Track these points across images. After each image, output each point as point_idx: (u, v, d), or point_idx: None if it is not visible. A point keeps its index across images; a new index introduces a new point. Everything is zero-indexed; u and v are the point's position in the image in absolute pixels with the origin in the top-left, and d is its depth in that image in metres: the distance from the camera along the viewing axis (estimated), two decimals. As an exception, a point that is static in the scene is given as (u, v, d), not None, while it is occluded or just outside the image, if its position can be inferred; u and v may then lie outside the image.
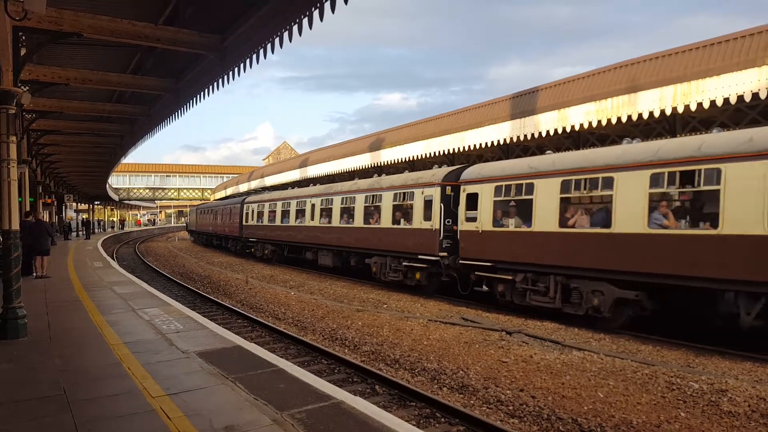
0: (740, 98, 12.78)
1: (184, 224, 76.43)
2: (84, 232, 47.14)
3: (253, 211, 33.07)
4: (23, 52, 10.37)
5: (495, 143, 20.26)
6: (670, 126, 16.53)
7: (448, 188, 16.65)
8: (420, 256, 17.33)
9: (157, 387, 6.12)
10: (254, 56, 10.30)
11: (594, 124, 16.23)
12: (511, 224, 14.36)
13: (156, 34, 10.79)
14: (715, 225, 9.99)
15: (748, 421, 6.95)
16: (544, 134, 17.94)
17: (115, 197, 71.30)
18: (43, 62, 13.16)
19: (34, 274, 16.59)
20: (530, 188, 13.61)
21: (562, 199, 12.87)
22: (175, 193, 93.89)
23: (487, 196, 14.93)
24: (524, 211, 13.97)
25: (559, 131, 17.51)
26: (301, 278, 22.92)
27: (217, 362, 7.15)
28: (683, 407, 7.45)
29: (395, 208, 18.97)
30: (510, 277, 14.11)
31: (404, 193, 18.52)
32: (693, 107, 13.64)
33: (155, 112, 18.05)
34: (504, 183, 14.46)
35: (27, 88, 12.91)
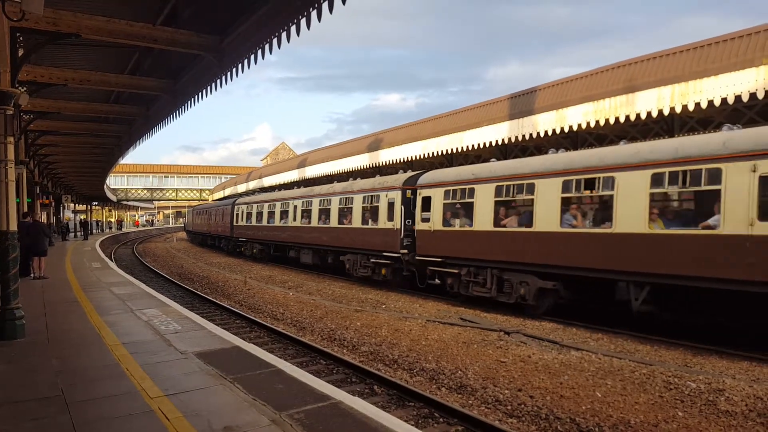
0: (738, 98, 12.81)
1: (183, 225, 76.41)
2: (82, 233, 47.04)
3: (242, 212, 34.76)
4: (21, 52, 10.36)
5: (493, 143, 20.29)
6: (668, 126, 16.56)
7: (408, 192, 18.36)
8: (384, 253, 19.07)
9: (155, 388, 6.12)
10: (252, 57, 10.31)
11: (592, 125, 16.26)
12: (457, 224, 16.09)
13: (154, 35, 10.79)
14: (610, 224, 11.69)
15: (745, 421, 6.97)
16: (542, 134, 17.97)
17: (113, 198, 71.23)
18: (41, 63, 13.15)
19: (32, 275, 16.57)
20: (472, 192, 15.39)
21: (496, 201, 14.61)
22: (173, 194, 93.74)
23: (438, 199, 16.70)
24: (467, 212, 15.71)
25: (557, 131, 17.53)
26: (299, 279, 22.92)
27: (215, 363, 7.14)
28: (681, 407, 7.47)
29: (364, 209, 20.59)
30: (456, 271, 15.83)
31: (372, 196, 20.18)
32: (691, 107, 13.67)
33: (153, 112, 18.05)
34: (452, 188, 16.26)
35: (25, 88, 12.90)
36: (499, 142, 20.07)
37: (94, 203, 70.83)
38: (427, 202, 17.10)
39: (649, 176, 10.92)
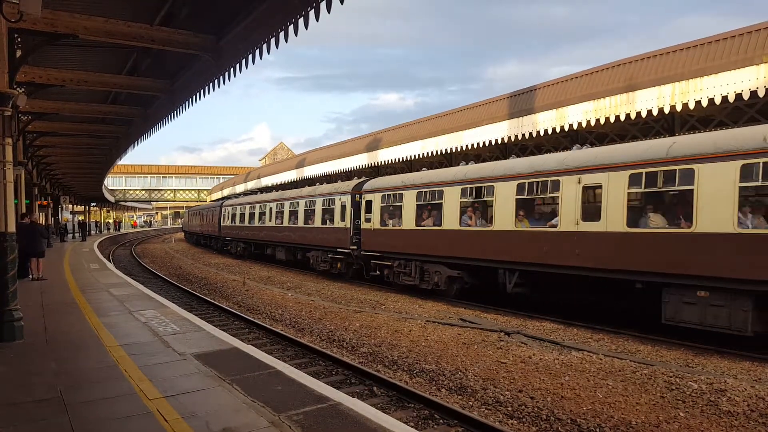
0: (738, 96, 12.79)
1: (181, 225, 76.41)
2: (80, 234, 46.99)
3: (228, 213, 37.71)
4: (19, 53, 10.34)
5: (493, 142, 20.26)
6: (668, 124, 16.54)
7: (357, 196, 20.89)
8: (338, 249, 21.89)
9: (153, 389, 6.08)
10: (250, 56, 10.26)
11: (592, 123, 16.24)
12: (391, 224, 18.87)
13: (151, 35, 10.76)
14: (491, 224, 14.70)
15: (747, 421, 6.93)
16: (542, 133, 17.95)
17: (111, 199, 71.12)
18: (39, 64, 13.11)
19: (31, 276, 16.52)
20: (400, 197, 18.24)
21: (417, 205, 17.39)
22: (172, 195, 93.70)
23: (377, 202, 19.48)
24: (398, 213, 18.49)
25: (557, 130, 17.52)
26: (298, 279, 22.88)
27: (213, 364, 7.10)
28: (682, 407, 7.43)
29: (323, 211, 23.36)
30: (390, 263, 18.67)
31: (329, 199, 23.00)
32: (691, 105, 13.64)
33: (151, 113, 18.01)
34: (387, 193, 19.08)
35: (23, 89, 12.87)
36: (499, 141, 20.04)
37: (93, 204, 70.76)
38: (369, 205, 19.86)
39: (515, 185, 13.81)
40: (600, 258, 11.78)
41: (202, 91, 13.27)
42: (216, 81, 12.18)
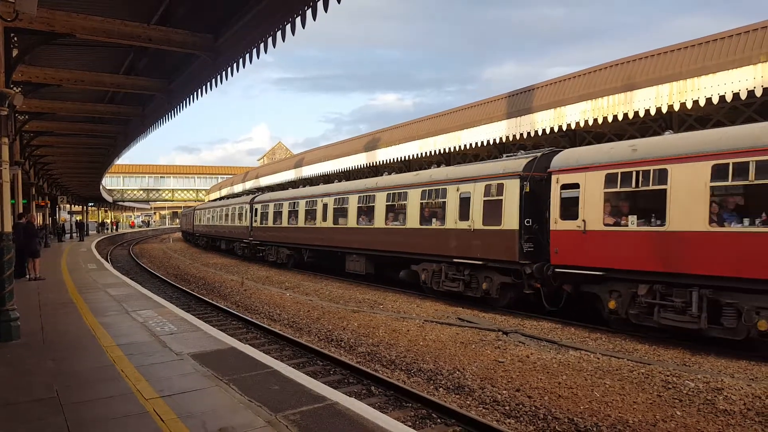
0: (736, 96, 12.79)
1: (179, 225, 76.39)
2: (78, 234, 46.91)
3: (201, 214, 46.14)
4: (15, 53, 10.31)
5: (491, 142, 20.25)
6: (666, 124, 16.53)
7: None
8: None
9: (150, 389, 6.06)
10: (247, 56, 10.27)
11: (590, 123, 16.24)
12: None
13: (148, 34, 10.74)
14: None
15: (743, 420, 6.94)
16: (540, 133, 17.94)
17: (109, 198, 71.02)
18: (36, 63, 13.09)
19: (28, 276, 16.48)
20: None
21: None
22: (170, 195, 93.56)
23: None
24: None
25: (555, 130, 17.51)
26: (296, 279, 22.86)
27: (211, 364, 7.09)
28: (679, 406, 7.43)
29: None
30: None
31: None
32: (689, 105, 13.64)
33: (148, 112, 17.99)
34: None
35: (19, 89, 12.82)
36: (497, 141, 20.02)
37: (90, 204, 70.67)
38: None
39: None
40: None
41: (199, 90, 13.26)
42: (213, 80, 12.18)
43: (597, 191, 11.82)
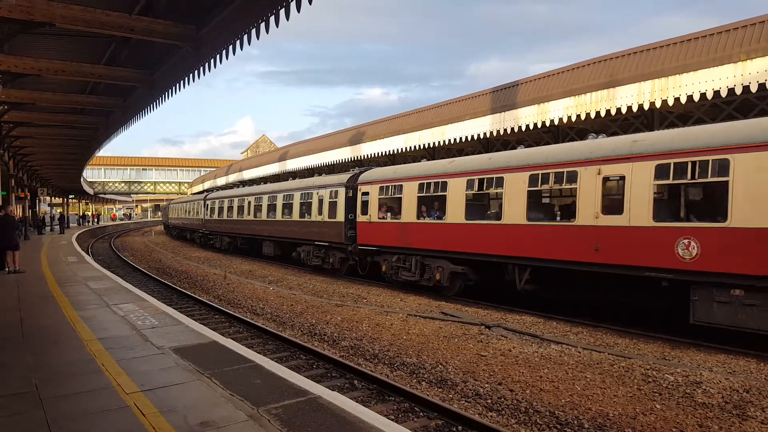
0: (716, 93, 12.93)
1: (161, 218, 75.81)
2: (59, 227, 46.31)
3: (174, 208, 51.79)
4: (-7, 41, 10.12)
5: (475, 137, 20.29)
6: (648, 120, 16.69)
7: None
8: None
9: (131, 383, 6.01)
10: (230, 47, 10.17)
11: (573, 119, 16.34)
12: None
13: (130, 24, 10.58)
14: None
15: (721, 412, 7.04)
16: (524, 128, 18.02)
17: (90, 191, 70.11)
18: (15, 52, 12.85)
19: (7, 269, 16.25)
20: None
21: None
22: (152, 187, 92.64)
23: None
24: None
25: (539, 125, 17.59)
26: (279, 273, 22.78)
27: (192, 358, 7.04)
28: (659, 399, 7.53)
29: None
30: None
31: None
32: (670, 102, 13.78)
33: (130, 103, 17.75)
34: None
35: (-2, 78, 12.61)
36: (481, 136, 20.08)
37: (71, 196, 69.75)
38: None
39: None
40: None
41: (182, 81, 13.10)
42: (196, 71, 12.04)
43: (375, 197, 18.53)
